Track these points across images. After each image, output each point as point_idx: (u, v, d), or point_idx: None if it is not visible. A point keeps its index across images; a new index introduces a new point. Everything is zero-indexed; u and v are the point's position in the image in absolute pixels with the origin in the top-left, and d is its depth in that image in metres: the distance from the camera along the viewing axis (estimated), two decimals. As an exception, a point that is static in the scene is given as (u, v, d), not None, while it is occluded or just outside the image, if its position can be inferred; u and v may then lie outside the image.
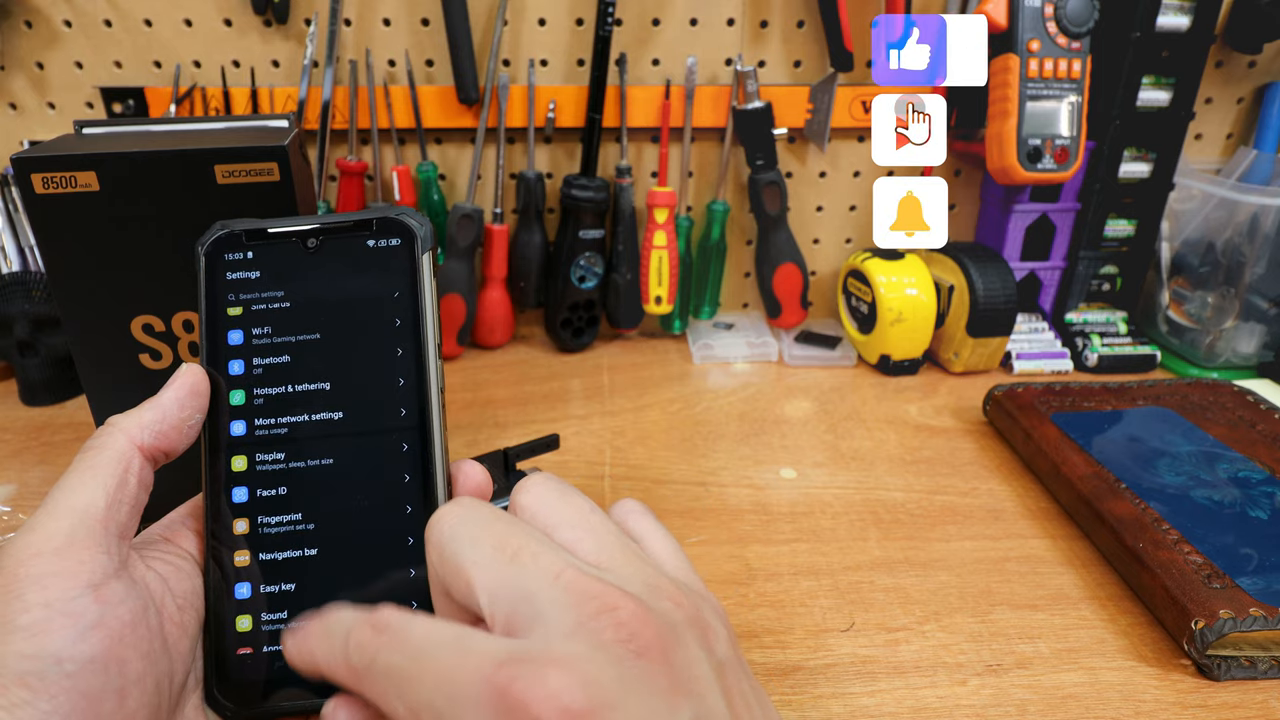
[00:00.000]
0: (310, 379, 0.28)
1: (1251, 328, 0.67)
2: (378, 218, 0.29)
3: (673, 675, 0.19)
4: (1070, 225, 0.70)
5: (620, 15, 0.66)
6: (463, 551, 0.22)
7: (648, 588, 0.21)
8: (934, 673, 0.37)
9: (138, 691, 0.22)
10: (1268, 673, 0.37)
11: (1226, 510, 0.45)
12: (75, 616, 0.21)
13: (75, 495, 0.23)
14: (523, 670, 0.18)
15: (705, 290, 0.74)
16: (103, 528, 0.23)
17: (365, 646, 0.21)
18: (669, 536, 0.26)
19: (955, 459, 0.55)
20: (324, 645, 0.22)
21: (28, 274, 0.59)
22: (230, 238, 0.29)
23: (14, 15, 0.63)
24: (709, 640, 0.21)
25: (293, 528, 0.27)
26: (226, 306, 0.28)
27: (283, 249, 0.29)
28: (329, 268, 0.29)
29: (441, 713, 0.19)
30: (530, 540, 0.22)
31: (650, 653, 0.19)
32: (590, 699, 0.17)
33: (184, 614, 0.25)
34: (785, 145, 0.72)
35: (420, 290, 0.28)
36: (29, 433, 0.57)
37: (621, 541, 0.23)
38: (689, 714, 0.19)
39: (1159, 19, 0.63)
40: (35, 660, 0.21)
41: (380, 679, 0.20)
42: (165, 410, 0.26)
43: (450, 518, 0.23)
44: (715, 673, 0.21)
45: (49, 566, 0.22)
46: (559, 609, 0.20)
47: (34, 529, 0.23)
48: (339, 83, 0.66)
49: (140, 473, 0.25)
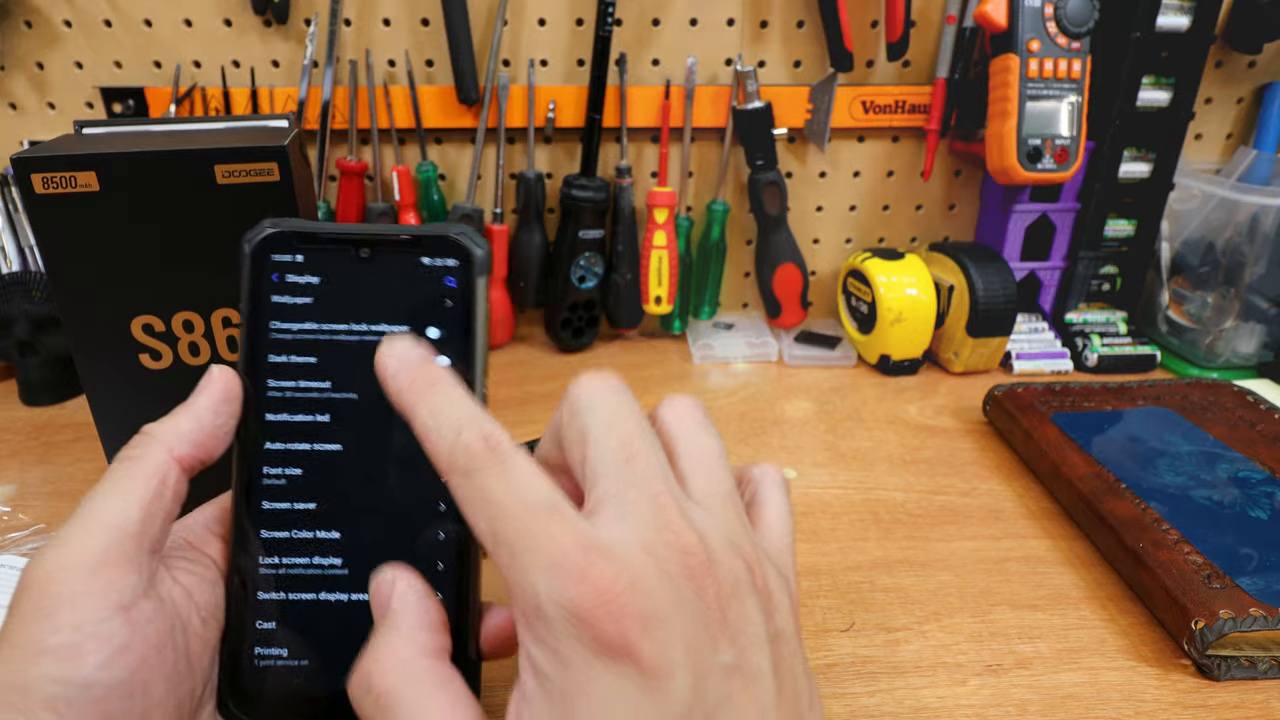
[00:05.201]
0: (350, 392, 0.27)
1: (1251, 328, 0.67)
2: (436, 235, 0.27)
3: (724, 620, 0.21)
4: (1070, 225, 0.70)
5: (620, 15, 0.66)
6: (592, 426, 0.23)
7: (728, 543, 0.22)
8: (934, 673, 0.37)
9: (160, 713, 0.22)
10: (1268, 673, 0.37)
11: (1226, 510, 0.45)
12: (104, 640, 0.21)
13: (110, 509, 0.23)
14: (602, 559, 0.20)
15: (705, 290, 0.74)
16: (135, 544, 0.23)
17: (474, 455, 0.22)
18: (787, 515, 0.27)
19: (955, 459, 0.55)
20: (427, 412, 0.23)
21: (28, 274, 0.59)
22: (280, 237, 0.27)
23: (14, 15, 0.63)
24: (770, 608, 0.22)
25: (320, 541, 0.26)
26: (269, 309, 0.27)
27: (334, 255, 0.27)
28: (380, 281, 0.27)
29: (518, 556, 0.20)
30: (651, 453, 0.23)
31: (706, 595, 0.21)
32: (644, 606, 0.19)
33: (207, 627, 0.25)
34: (785, 145, 0.72)
35: (473, 315, 0.27)
36: (29, 433, 0.57)
37: (729, 494, 0.24)
38: (730, 657, 0.20)
39: (1159, 19, 0.63)
40: (63, 685, 0.20)
41: (476, 494, 0.22)
42: (201, 418, 0.25)
43: (595, 388, 0.24)
44: (768, 638, 0.22)
45: (81, 585, 0.21)
46: (642, 525, 0.21)
47: (67, 543, 0.22)
48: (339, 83, 0.66)
49: (176, 485, 0.24)
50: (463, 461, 0.22)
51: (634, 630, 0.19)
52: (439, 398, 0.23)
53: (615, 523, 0.21)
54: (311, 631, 0.26)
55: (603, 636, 0.19)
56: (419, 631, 0.23)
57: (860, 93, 0.69)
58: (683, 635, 0.20)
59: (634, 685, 0.19)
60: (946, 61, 0.68)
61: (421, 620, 0.23)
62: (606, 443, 0.22)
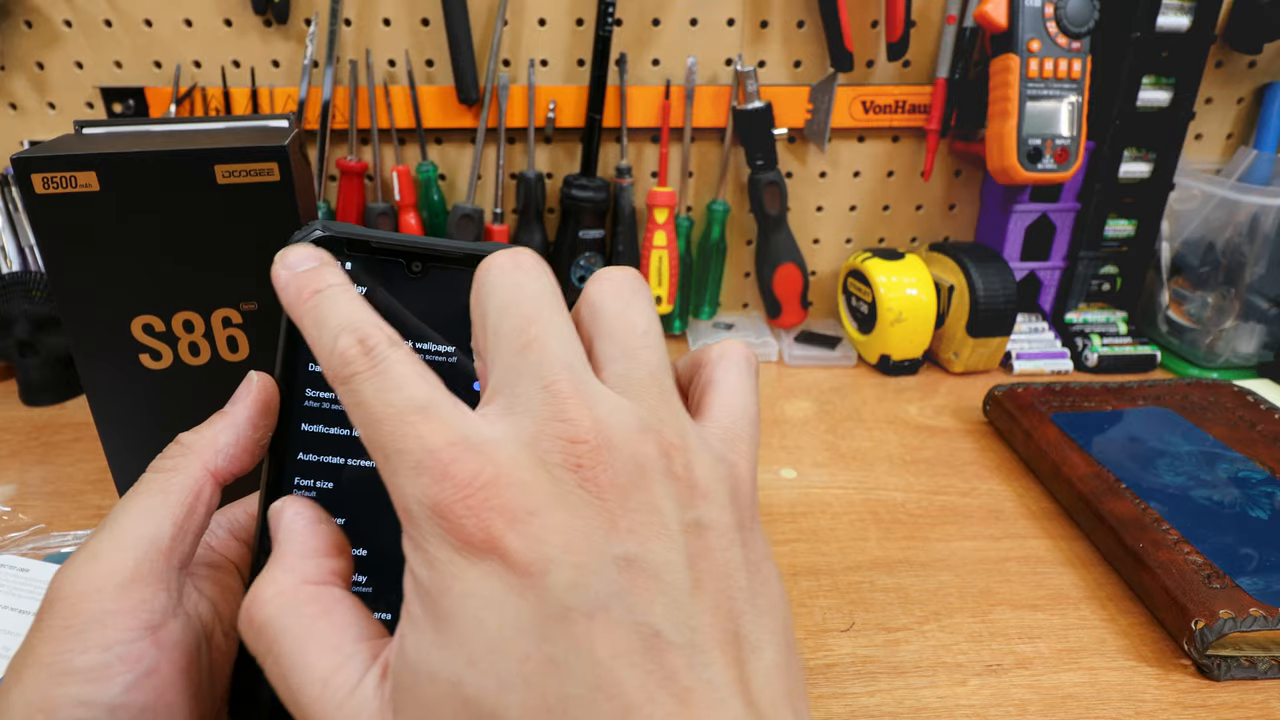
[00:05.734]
0: None
1: (1251, 328, 0.67)
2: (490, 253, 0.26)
3: (622, 510, 0.19)
4: (1070, 225, 0.70)
5: (620, 15, 0.66)
6: (489, 311, 0.21)
7: (639, 428, 0.20)
8: (934, 673, 0.37)
9: None
10: (1268, 673, 0.37)
11: (1226, 510, 0.45)
12: (133, 662, 0.21)
13: (143, 524, 0.22)
14: (466, 454, 0.18)
15: (705, 290, 0.74)
16: (166, 561, 0.22)
17: (349, 361, 0.20)
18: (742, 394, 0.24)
19: (955, 459, 0.55)
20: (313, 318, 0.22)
21: (28, 274, 0.59)
22: (331, 242, 0.26)
23: (14, 15, 0.63)
24: (690, 496, 0.20)
25: None
26: None
27: (384, 267, 0.26)
28: (430, 298, 0.26)
29: (389, 460, 0.19)
30: (551, 338, 0.20)
31: (597, 484, 0.19)
32: (511, 499, 0.18)
33: (229, 640, 0.24)
34: (785, 145, 0.72)
35: None
36: (29, 433, 0.57)
37: (653, 375, 0.21)
38: (625, 549, 0.18)
39: (1159, 19, 0.63)
40: (89, 708, 0.20)
41: (352, 402, 0.20)
42: (240, 431, 0.24)
43: (501, 269, 0.22)
44: (682, 529, 0.20)
45: (111, 604, 0.21)
46: (528, 418, 0.19)
47: (98, 557, 0.21)
48: (339, 83, 0.66)
49: (209, 501, 0.24)
50: (340, 369, 0.20)
51: (498, 525, 0.18)
52: (324, 303, 0.22)
53: (498, 418, 0.20)
54: None
55: (463, 532, 0.18)
56: (302, 560, 0.22)
57: (860, 93, 0.69)
58: (560, 528, 0.18)
59: (502, 582, 0.18)
60: (946, 61, 0.68)
61: (306, 548, 0.22)
62: (501, 329, 0.21)
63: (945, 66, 0.68)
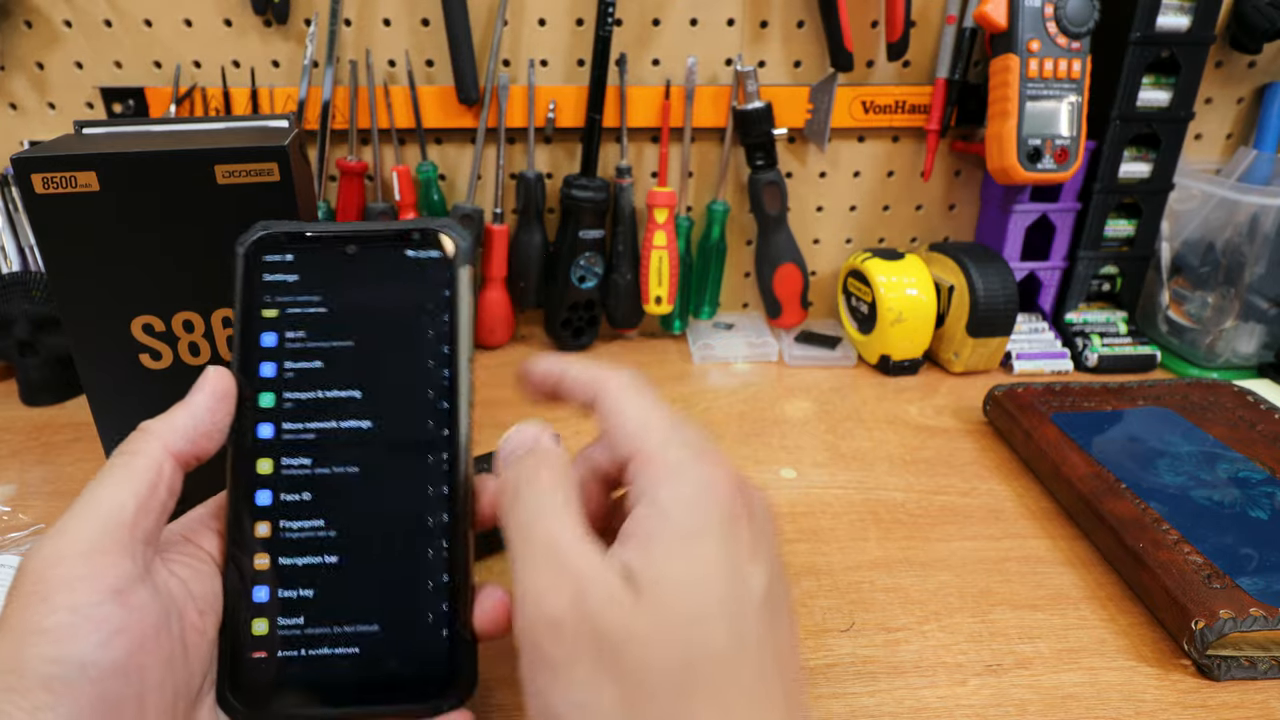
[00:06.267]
0: (341, 386, 0.28)
1: (1251, 328, 0.67)
2: (419, 229, 0.29)
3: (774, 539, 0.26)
4: (1070, 225, 0.70)
5: (620, 15, 0.66)
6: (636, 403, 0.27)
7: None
8: (934, 673, 0.37)
9: (157, 698, 0.22)
10: (1268, 673, 0.37)
11: (1226, 510, 0.45)
12: (100, 622, 0.21)
13: (104, 500, 0.23)
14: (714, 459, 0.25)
15: (705, 290, 0.74)
16: (129, 533, 0.23)
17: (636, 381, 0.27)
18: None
19: (955, 459, 0.55)
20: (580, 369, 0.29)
21: (28, 274, 0.59)
22: (270, 239, 0.28)
23: (14, 15, 0.63)
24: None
25: (314, 534, 0.27)
26: (262, 308, 0.28)
27: (322, 253, 0.29)
28: (367, 275, 0.28)
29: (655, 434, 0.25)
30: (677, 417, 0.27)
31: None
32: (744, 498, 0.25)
33: (204, 618, 0.25)
34: (785, 145, 0.72)
35: (457, 304, 0.28)
36: (29, 433, 0.57)
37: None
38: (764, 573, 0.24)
39: (1159, 19, 0.63)
40: (60, 665, 0.21)
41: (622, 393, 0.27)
42: (198, 416, 0.26)
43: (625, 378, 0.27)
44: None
45: (75, 570, 0.22)
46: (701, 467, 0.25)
47: (62, 532, 0.23)
48: (339, 83, 0.66)
49: (171, 480, 0.25)
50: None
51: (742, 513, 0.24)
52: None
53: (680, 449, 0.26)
54: (307, 623, 0.26)
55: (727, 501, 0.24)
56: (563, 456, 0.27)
57: (860, 93, 0.69)
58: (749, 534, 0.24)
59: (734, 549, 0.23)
60: (946, 61, 0.68)
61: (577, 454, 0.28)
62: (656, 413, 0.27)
63: (945, 66, 0.68)
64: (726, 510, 0.23)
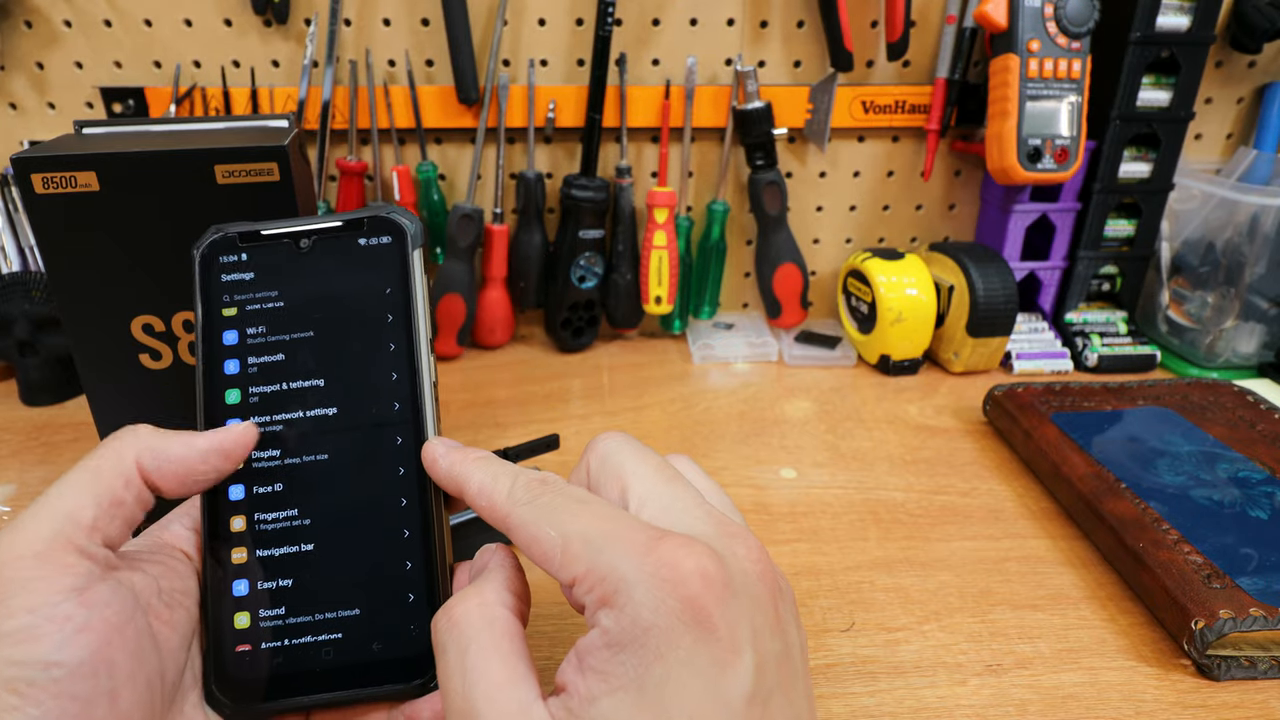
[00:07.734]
0: (304, 376, 0.28)
1: (1251, 328, 0.67)
2: (368, 217, 0.29)
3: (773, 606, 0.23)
4: (1070, 225, 0.70)
5: (620, 15, 0.66)
6: (626, 463, 0.26)
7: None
8: (934, 673, 0.37)
9: (129, 692, 0.22)
10: (1268, 673, 0.37)
11: (1226, 510, 0.45)
12: (61, 621, 0.21)
13: (64, 498, 0.23)
14: (673, 542, 0.21)
15: (705, 290, 0.74)
16: (87, 535, 0.23)
17: (532, 488, 0.24)
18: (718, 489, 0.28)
19: (955, 459, 0.55)
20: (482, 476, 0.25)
21: (28, 274, 0.59)
22: (224, 240, 0.29)
23: (14, 15, 0.63)
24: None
25: (289, 524, 0.27)
26: (221, 307, 0.29)
27: (276, 250, 0.29)
28: (321, 267, 0.29)
29: (592, 540, 0.22)
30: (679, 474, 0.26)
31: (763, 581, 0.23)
32: (720, 574, 0.21)
33: (174, 611, 0.25)
34: (785, 145, 0.72)
35: (411, 287, 0.29)
36: (29, 433, 0.57)
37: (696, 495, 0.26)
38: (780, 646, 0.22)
39: (1159, 19, 0.63)
40: (23, 667, 0.21)
41: (537, 510, 0.24)
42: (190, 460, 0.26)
43: (615, 438, 0.27)
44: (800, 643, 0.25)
45: (32, 571, 0.22)
46: (703, 522, 0.23)
47: (18, 530, 0.22)
48: (339, 83, 0.66)
49: (140, 493, 0.25)
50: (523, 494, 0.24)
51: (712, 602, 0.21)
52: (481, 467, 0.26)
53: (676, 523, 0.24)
54: (289, 612, 0.27)
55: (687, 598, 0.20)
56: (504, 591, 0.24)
57: (860, 93, 0.69)
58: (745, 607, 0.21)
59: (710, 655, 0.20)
60: (946, 61, 0.68)
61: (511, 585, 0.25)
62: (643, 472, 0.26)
63: (945, 66, 0.68)
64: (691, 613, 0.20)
